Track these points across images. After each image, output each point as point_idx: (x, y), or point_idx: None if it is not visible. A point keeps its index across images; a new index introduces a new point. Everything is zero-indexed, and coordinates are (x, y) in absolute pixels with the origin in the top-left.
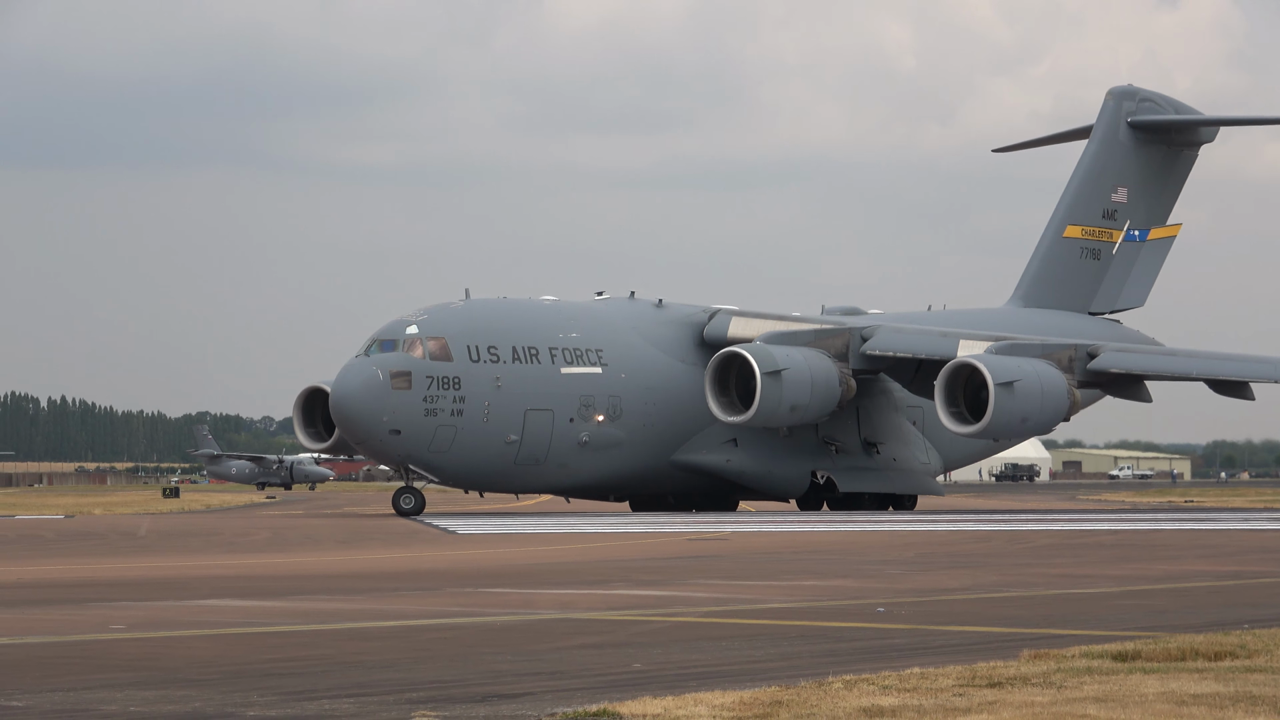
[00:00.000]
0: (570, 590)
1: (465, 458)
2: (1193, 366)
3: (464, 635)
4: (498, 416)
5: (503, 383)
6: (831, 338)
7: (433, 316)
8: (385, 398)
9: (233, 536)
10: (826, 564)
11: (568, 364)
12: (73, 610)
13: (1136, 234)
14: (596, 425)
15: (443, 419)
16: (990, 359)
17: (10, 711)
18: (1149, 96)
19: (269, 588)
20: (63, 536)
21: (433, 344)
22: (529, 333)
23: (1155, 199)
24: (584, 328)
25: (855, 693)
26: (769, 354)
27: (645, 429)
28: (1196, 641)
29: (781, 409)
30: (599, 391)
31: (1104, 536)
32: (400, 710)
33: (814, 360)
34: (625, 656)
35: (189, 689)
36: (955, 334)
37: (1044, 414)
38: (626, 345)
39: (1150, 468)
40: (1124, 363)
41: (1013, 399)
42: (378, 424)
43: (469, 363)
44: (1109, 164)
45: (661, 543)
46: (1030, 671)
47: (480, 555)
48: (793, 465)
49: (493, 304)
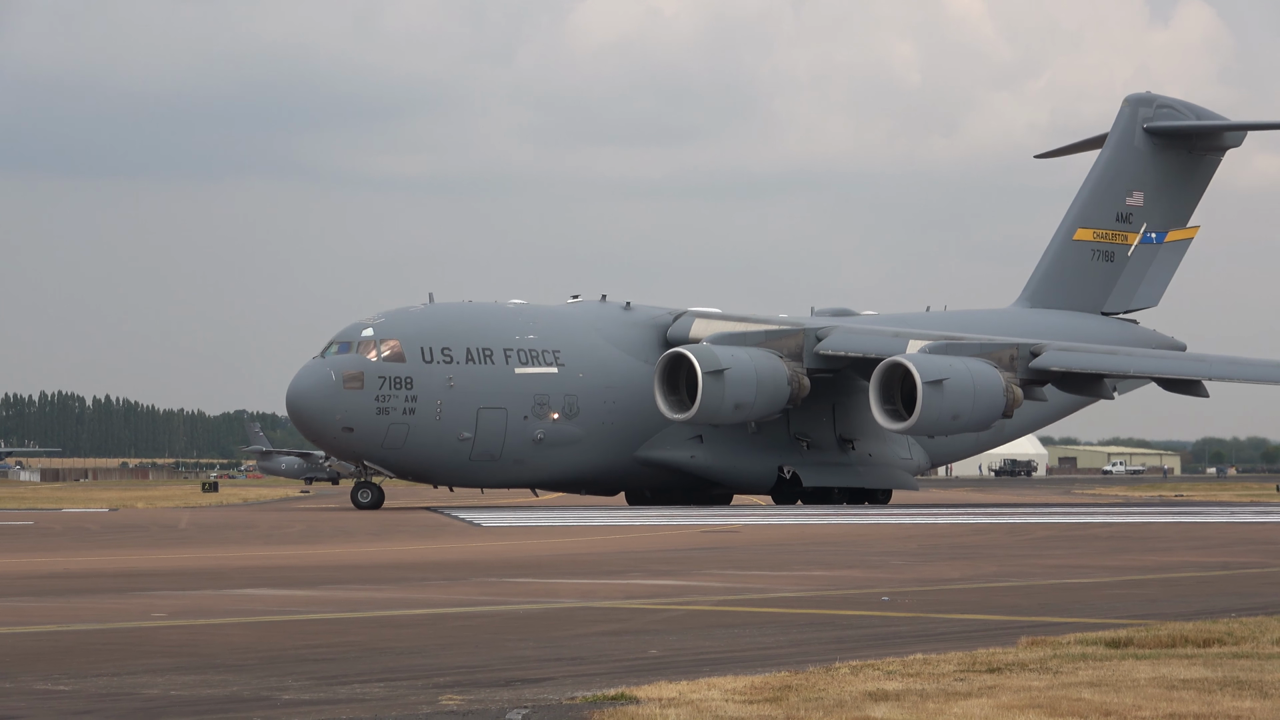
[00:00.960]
0: (590, 580)
1: (419, 454)
2: (1135, 365)
3: (489, 623)
4: (450, 415)
5: (455, 382)
6: (784, 338)
7: (390, 320)
8: (337, 397)
9: (269, 529)
10: (834, 555)
11: (522, 364)
12: (116, 599)
13: (1154, 236)
14: (552, 423)
15: (395, 417)
16: (921, 358)
17: (57, 695)
18: (1168, 103)
19: (303, 577)
20: (107, 529)
21: (386, 346)
22: (485, 335)
23: (1174, 202)
24: (543, 330)
25: (861, 678)
26: (712, 354)
27: (605, 426)
28: (1186, 629)
29: (725, 406)
30: (554, 390)
31: (1098, 529)
32: (428, 694)
33: (761, 360)
34: (642, 643)
35: (227, 674)
36: (907, 334)
37: (977, 411)
38: (587, 346)
39: (1142, 463)
40: (1064, 361)
41: (942, 396)
42: (330, 422)
43: (422, 363)
44: (1123, 169)
45: (677, 535)
46: (1028, 658)
47: (504, 547)
48: (759, 460)
49: (452, 307)
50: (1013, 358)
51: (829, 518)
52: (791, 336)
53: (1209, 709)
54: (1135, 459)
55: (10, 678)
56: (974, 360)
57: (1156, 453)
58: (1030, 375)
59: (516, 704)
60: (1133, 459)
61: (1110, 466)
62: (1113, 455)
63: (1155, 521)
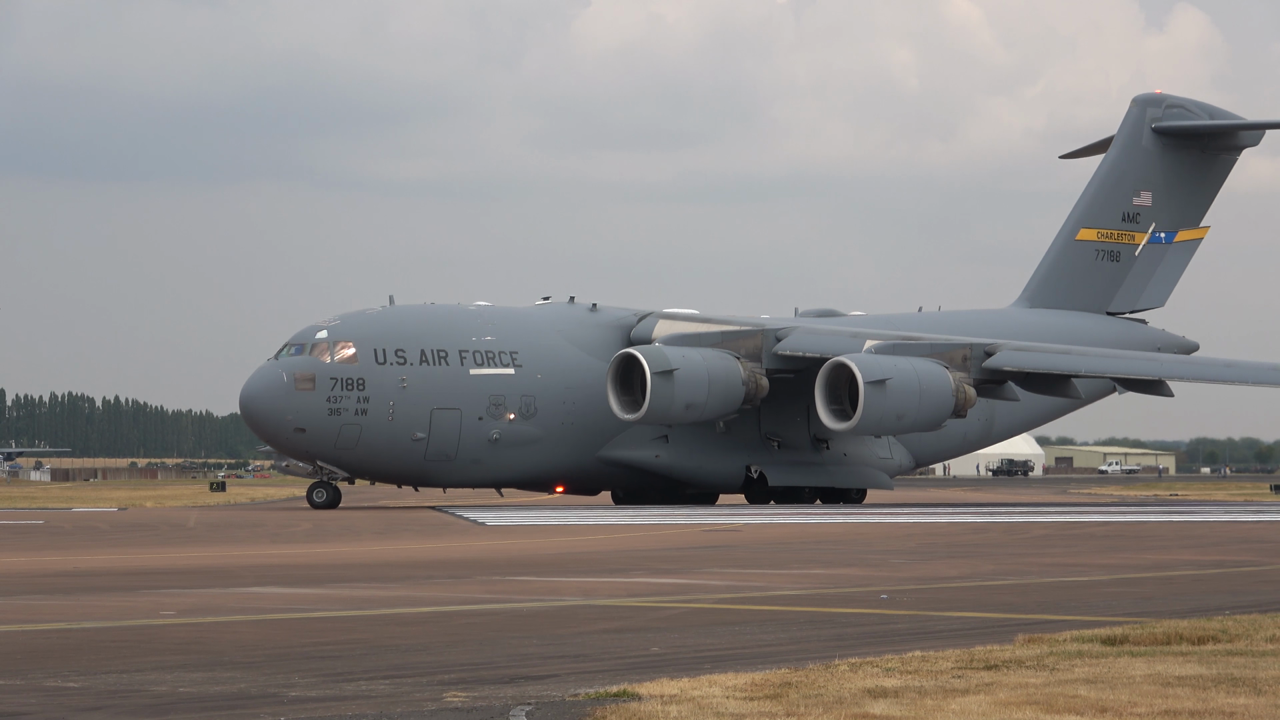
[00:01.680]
0: (593, 578)
1: (372, 455)
2: (1090, 364)
3: (493, 620)
4: (403, 415)
5: (408, 383)
6: (742, 339)
7: (345, 322)
8: (288, 398)
9: (276, 528)
10: (833, 554)
11: (478, 365)
12: (125, 597)
13: (1163, 236)
14: (508, 423)
15: (347, 418)
16: (864, 358)
17: (66, 692)
18: (1178, 103)
19: (310, 576)
20: (116, 528)
21: (340, 347)
22: (440, 336)
23: (1185, 202)
24: (501, 331)
25: (860, 674)
26: (662, 354)
27: (565, 426)
28: (1181, 626)
29: (675, 406)
30: (511, 391)
31: (1095, 528)
32: (433, 691)
33: (714, 360)
34: (644, 640)
35: (234, 670)
36: (864, 334)
37: (923, 411)
38: (548, 347)
39: (1137, 463)
40: (1017, 361)
41: (884, 396)
42: (282, 423)
43: (375, 365)
44: (1130, 169)
45: (678, 534)
46: (1025, 655)
47: (507, 545)
48: (727, 460)
49: (410, 309)
50: (965, 358)
51: (828, 517)
52: (750, 337)
53: (1204, 706)
54: (1131, 459)
55: (20, 675)
56: (922, 360)
57: (1152, 453)
58: (984, 375)
59: (520, 701)
60: (1128, 459)
61: (1106, 466)
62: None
63: (1151, 521)
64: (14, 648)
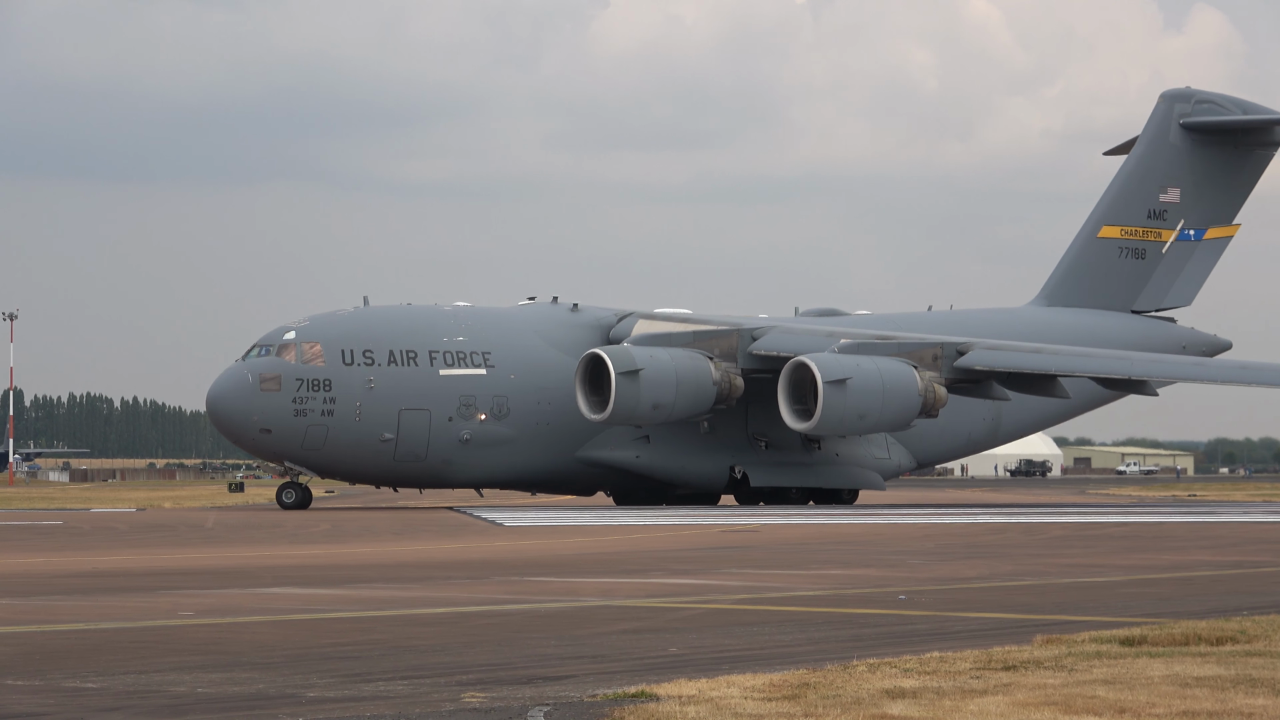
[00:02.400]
0: (611, 579)
1: (340, 455)
2: (1066, 364)
3: (511, 621)
4: (371, 416)
5: (376, 384)
6: (715, 339)
7: (314, 323)
8: (253, 399)
9: (294, 528)
10: (851, 554)
11: (448, 366)
12: (144, 597)
13: (1191, 233)
14: (479, 423)
15: (313, 419)
16: (825, 358)
17: (85, 693)
18: (1208, 98)
19: (328, 576)
20: (135, 528)
21: (306, 348)
22: (410, 337)
23: (1216, 199)
24: (474, 332)
25: (878, 675)
26: (628, 354)
27: (540, 427)
28: (1200, 627)
29: (641, 407)
30: (482, 391)
31: (1113, 529)
32: (451, 692)
33: (683, 360)
34: (662, 641)
35: (253, 671)
36: (840, 334)
37: (887, 410)
38: (523, 348)
39: (1155, 464)
40: (988, 360)
41: (845, 396)
42: (248, 423)
43: (342, 365)
44: (1155, 165)
45: (696, 534)
46: (1043, 655)
47: (526, 546)
48: (710, 460)
49: (381, 310)
50: (936, 357)
51: (847, 518)
52: (725, 337)
53: (1222, 706)
54: (1149, 460)
55: (39, 675)
56: (887, 360)
57: (1170, 453)
58: (957, 374)
59: (538, 701)
60: (1146, 459)
61: (1124, 467)
62: (1127, 456)
63: (1169, 521)
64: (32, 648)
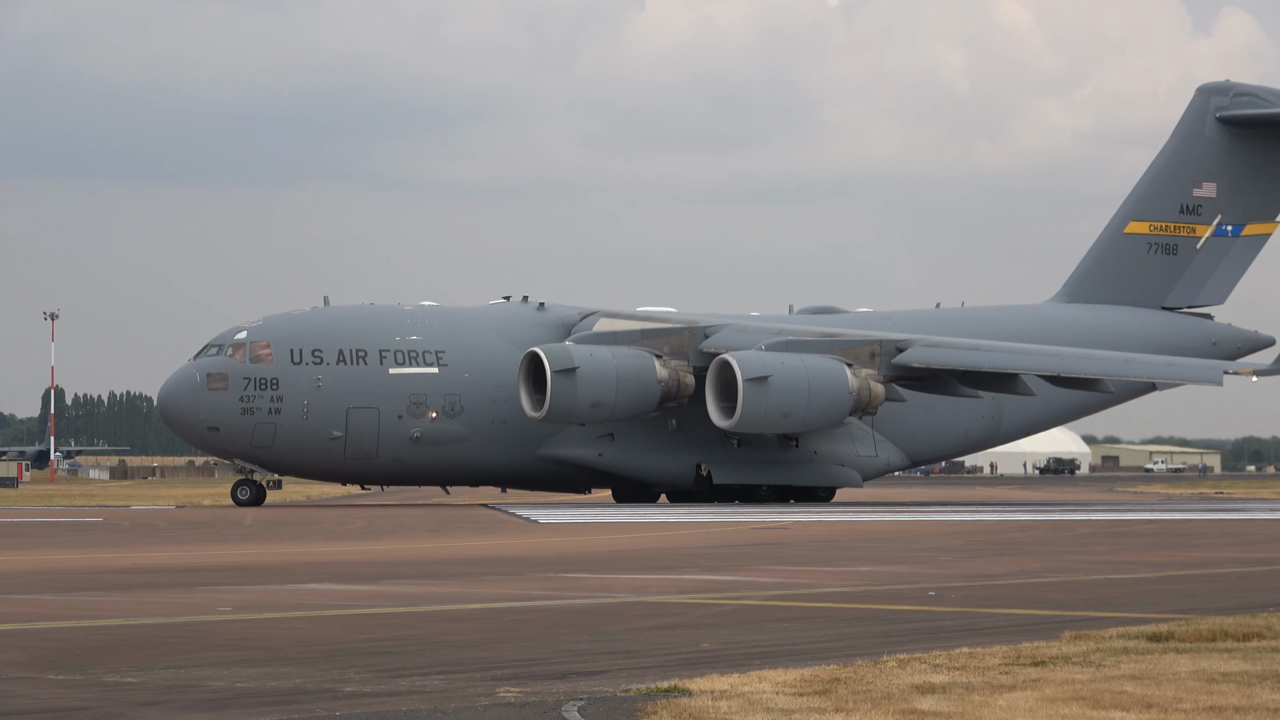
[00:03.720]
0: (643, 575)
1: (289, 453)
2: (1005, 361)
3: (545, 617)
4: (318, 414)
5: (323, 383)
6: (665, 337)
7: (267, 323)
8: (201, 398)
9: (331, 525)
10: (881, 551)
11: (398, 365)
12: (183, 593)
13: (1229, 229)
14: (430, 422)
15: (260, 417)
16: (747, 355)
17: (125, 687)
18: (1250, 91)
19: (364, 573)
20: (174, 525)
21: (255, 348)
22: (361, 336)
23: (1257, 194)
24: (429, 331)
25: (908, 671)
26: (567, 352)
27: (496, 425)
28: (1226, 623)
29: (580, 404)
30: (433, 390)
31: (1140, 525)
32: (485, 686)
33: (625, 358)
34: (694, 637)
35: (290, 666)
36: (791, 331)
37: (814, 407)
38: (481, 346)
39: (1182, 462)
40: (925, 357)
41: (766, 393)
42: (196, 422)
43: (289, 365)
44: (1189, 160)
45: (728, 531)
46: (1071, 651)
47: (559, 543)
48: (675, 458)
49: (338, 310)
50: (874, 354)
51: (877, 515)
52: (675, 335)
53: (1248, 702)
54: (1176, 458)
55: (79, 670)
56: (816, 357)
57: (1197, 451)
58: (896, 372)
59: (572, 696)
60: (1173, 458)
61: (1152, 465)
62: (1154, 454)
63: (1196, 519)
64: (73, 643)
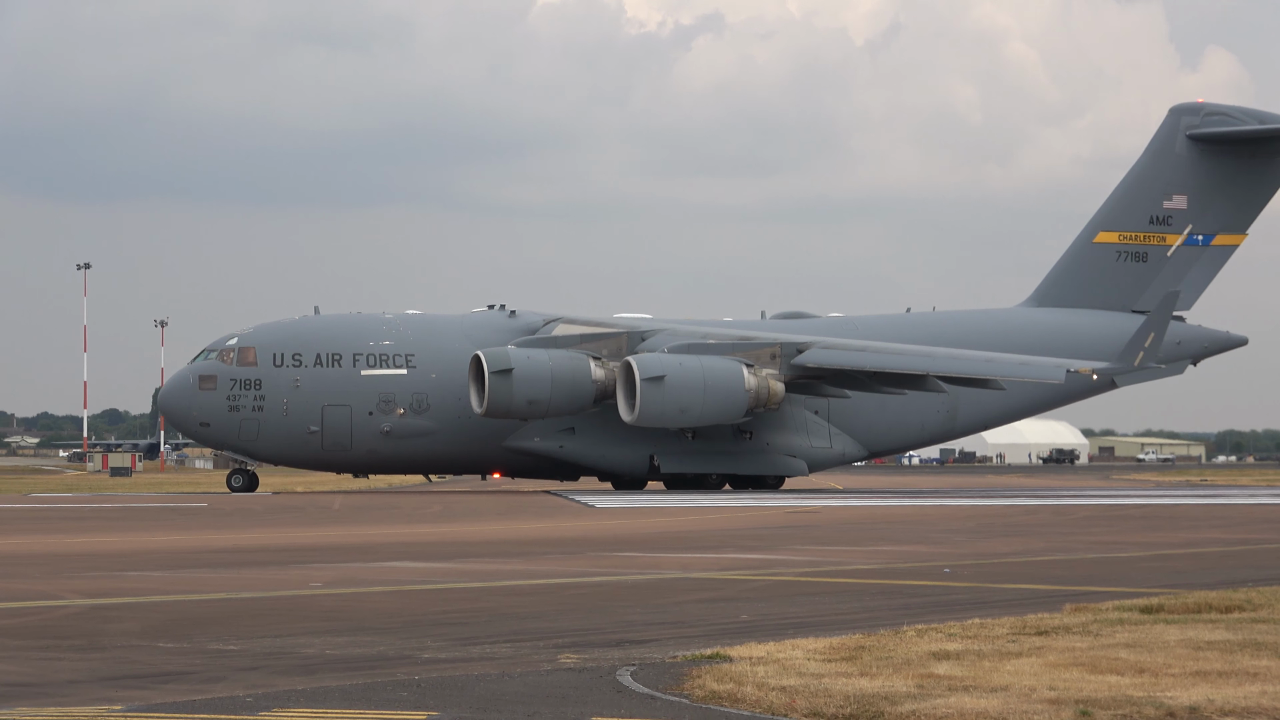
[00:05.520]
0: (689, 554)
1: (273, 445)
2: (892, 362)
3: (601, 591)
4: (297, 411)
5: (301, 383)
6: (604, 340)
7: (258, 330)
8: (193, 397)
9: (410, 510)
10: (902, 532)
11: (369, 367)
12: (279, 570)
13: (1200, 239)
14: (398, 417)
15: (245, 414)
16: (647, 357)
17: (226, 654)
18: (1221, 110)
19: (440, 552)
20: (270, 509)
21: (243, 352)
22: (339, 342)
23: (1228, 206)
24: (402, 336)
25: (926, 639)
26: (504, 355)
27: (462, 419)
28: (1211, 597)
29: (516, 402)
30: (401, 389)
31: (1133, 510)
32: (548, 653)
33: (560, 360)
34: (735, 609)
35: (374, 635)
36: (715, 335)
37: (709, 404)
38: (450, 350)
39: (1171, 453)
40: (819, 358)
41: (663, 392)
42: (189, 418)
43: (272, 367)
44: (1159, 174)
45: (764, 514)
46: (1071, 622)
47: (615, 525)
48: (630, 450)
49: (323, 318)
50: (774, 355)
51: (898, 501)
52: (614, 339)
53: (1231, 667)
54: (1166, 449)
55: (187, 638)
56: (715, 358)
57: (1184, 443)
58: (797, 372)
59: (626, 662)
60: (1164, 448)
61: (1144, 455)
62: (1146, 445)
63: (1183, 503)
64: (181, 615)
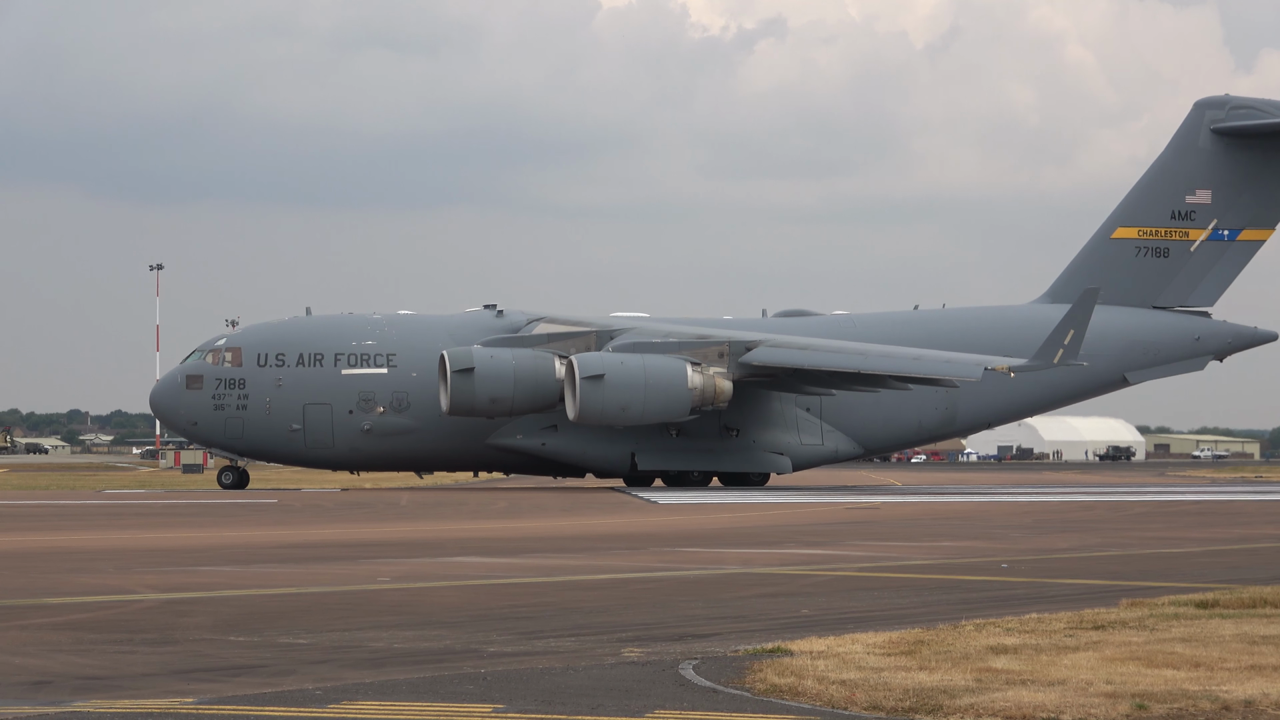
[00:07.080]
0: (750, 549)
1: (258, 443)
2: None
3: (664, 586)
4: (279, 410)
5: (283, 383)
6: (573, 340)
7: (245, 331)
8: (180, 396)
9: (477, 506)
10: (960, 528)
11: (350, 366)
12: (347, 565)
13: (1225, 234)
14: (378, 416)
15: (229, 413)
16: (588, 356)
17: (297, 648)
18: (1247, 104)
19: (505, 547)
20: (340, 506)
21: (228, 353)
22: (322, 342)
23: (1255, 201)
24: (385, 336)
25: (984, 634)
26: (467, 355)
27: (442, 418)
28: (1266, 592)
29: (479, 400)
30: (382, 388)
31: (1189, 506)
32: (612, 647)
33: (524, 359)
34: (795, 604)
35: (441, 629)
36: (678, 334)
37: (651, 402)
38: (432, 349)
39: (1226, 449)
40: (764, 357)
41: (602, 390)
42: (178, 416)
43: (256, 367)
44: (1182, 169)
45: (824, 511)
46: (1128, 617)
47: (676, 521)
48: (612, 447)
49: (311, 319)
50: (722, 354)
51: (956, 497)
52: (583, 338)
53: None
54: (1220, 445)
55: (257, 632)
56: (658, 356)
57: (1239, 440)
58: (743, 371)
59: (688, 656)
60: (1219, 445)
61: (1199, 452)
62: (1200, 442)
63: (1238, 499)
64: (252, 609)
